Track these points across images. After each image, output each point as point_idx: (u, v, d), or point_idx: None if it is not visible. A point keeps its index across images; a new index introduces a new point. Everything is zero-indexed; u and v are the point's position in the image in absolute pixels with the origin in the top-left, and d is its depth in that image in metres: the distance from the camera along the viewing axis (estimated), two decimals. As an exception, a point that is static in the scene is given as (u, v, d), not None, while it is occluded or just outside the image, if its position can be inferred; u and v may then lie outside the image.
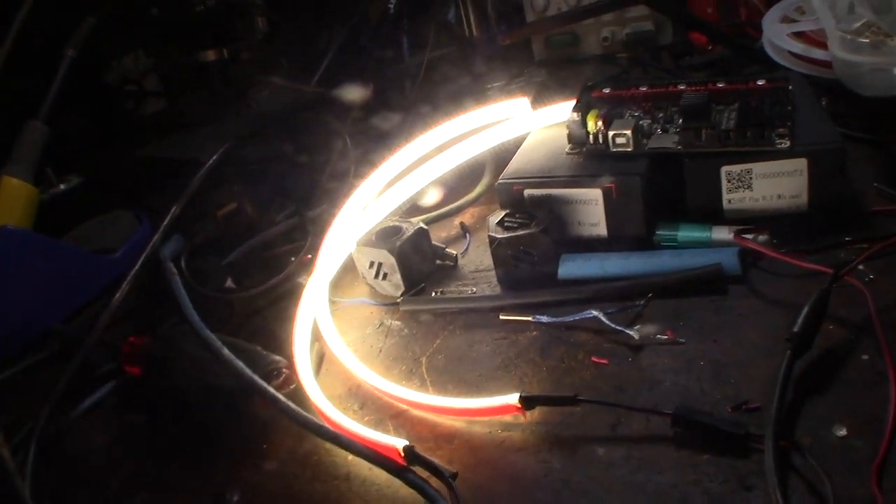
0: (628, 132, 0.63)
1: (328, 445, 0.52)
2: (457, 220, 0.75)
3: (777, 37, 0.74)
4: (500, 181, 0.66)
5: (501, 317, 0.60)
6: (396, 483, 0.47)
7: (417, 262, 0.66)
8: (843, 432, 0.43)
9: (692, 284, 0.57)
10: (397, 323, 0.63)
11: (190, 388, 0.56)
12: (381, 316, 0.65)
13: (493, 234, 0.61)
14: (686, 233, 0.61)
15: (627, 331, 0.54)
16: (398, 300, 0.65)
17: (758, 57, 0.83)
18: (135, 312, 0.69)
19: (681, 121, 0.65)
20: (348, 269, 0.70)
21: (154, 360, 0.59)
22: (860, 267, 0.53)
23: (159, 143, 0.99)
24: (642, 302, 0.57)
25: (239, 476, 0.51)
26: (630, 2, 0.89)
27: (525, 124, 0.73)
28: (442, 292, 0.65)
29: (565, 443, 0.48)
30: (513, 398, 0.49)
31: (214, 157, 0.71)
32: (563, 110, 0.72)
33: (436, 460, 0.45)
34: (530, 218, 0.62)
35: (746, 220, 0.61)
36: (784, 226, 0.59)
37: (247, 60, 1.01)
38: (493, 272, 0.66)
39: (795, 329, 0.47)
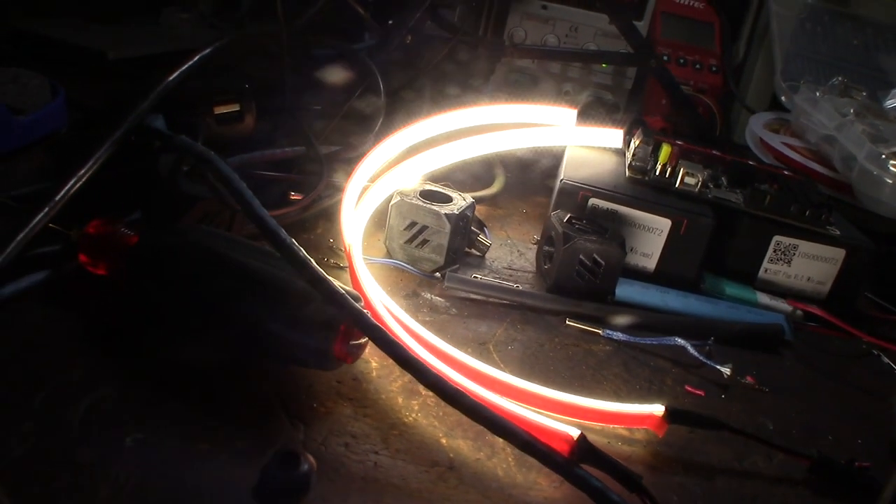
0: (701, 175, 0.62)
1: (412, 417, 0.42)
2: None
3: (773, 141, 0.80)
4: (566, 181, 0.61)
5: (568, 322, 0.54)
6: (527, 480, 0.39)
7: (459, 239, 0.58)
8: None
9: (754, 338, 0.57)
10: (439, 299, 0.54)
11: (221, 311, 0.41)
12: (413, 286, 0.55)
13: (568, 233, 0.56)
14: (733, 289, 0.61)
15: (718, 366, 0.51)
16: (436, 273, 0.56)
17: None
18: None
19: (724, 181, 0.66)
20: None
21: (147, 260, 0.43)
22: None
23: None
24: (709, 342, 0.55)
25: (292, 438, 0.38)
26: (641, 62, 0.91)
27: (565, 136, 0.70)
28: (480, 279, 0.57)
29: (699, 469, 0.43)
30: (657, 408, 0.43)
31: (217, 44, 0.56)
32: (604, 134, 0.70)
33: (617, 459, 0.38)
34: (600, 228, 0.58)
35: (771, 293, 0.63)
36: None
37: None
38: (529, 273, 0.60)
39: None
